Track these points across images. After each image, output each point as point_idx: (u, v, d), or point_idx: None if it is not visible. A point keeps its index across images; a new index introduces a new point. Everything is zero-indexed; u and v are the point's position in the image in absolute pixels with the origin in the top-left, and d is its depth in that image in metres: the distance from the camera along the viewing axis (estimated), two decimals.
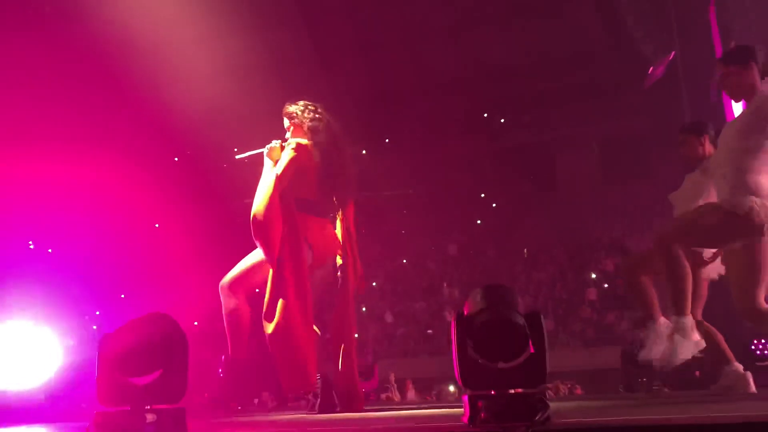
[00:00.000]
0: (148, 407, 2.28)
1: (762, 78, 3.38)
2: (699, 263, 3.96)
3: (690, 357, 3.35)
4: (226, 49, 12.78)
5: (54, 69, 12.48)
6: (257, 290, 4.14)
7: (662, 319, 3.84)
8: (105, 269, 14.24)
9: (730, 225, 3.28)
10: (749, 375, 3.97)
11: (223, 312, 4.06)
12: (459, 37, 18.52)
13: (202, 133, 14.56)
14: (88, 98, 13.39)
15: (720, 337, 4.10)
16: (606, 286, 16.01)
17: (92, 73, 13.24)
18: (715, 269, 4.02)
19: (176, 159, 18.07)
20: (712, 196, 3.96)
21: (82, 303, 12.95)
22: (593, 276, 16.44)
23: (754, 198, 3.23)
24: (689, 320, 3.33)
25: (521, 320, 2.22)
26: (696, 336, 3.33)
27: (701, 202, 4.03)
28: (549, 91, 19.29)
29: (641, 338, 3.91)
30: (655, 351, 3.80)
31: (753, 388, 3.95)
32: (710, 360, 4.03)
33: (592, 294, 15.89)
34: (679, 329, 3.31)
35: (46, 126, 12.67)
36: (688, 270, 3.37)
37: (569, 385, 11.51)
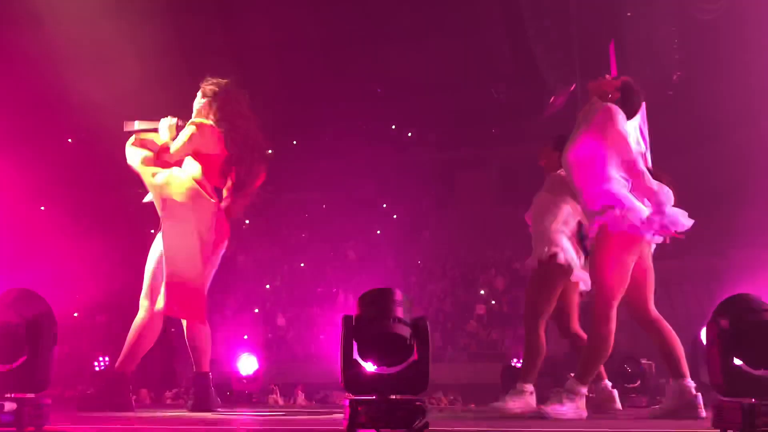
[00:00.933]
0: (9, 395, 2.13)
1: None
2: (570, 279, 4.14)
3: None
4: (131, 29, 12.27)
5: None
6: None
7: (530, 387, 4.07)
8: None
9: (614, 247, 3.42)
10: (616, 393, 4.19)
11: (134, 323, 3.87)
12: (374, 48, 18.69)
13: (98, 115, 13.89)
14: None
15: None
16: (493, 302, 16.52)
17: None
18: (585, 281, 4.22)
19: (70, 140, 17.19)
20: (562, 211, 4.18)
21: None
22: (482, 292, 16.92)
23: (616, 210, 3.40)
24: (585, 391, 3.46)
25: (407, 328, 2.24)
26: (582, 404, 3.45)
27: (552, 218, 4.23)
28: (456, 111, 19.78)
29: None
30: (509, 405, 4.01)
31: (619, 405, 4.17)
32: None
33: (480, 309, 16.34)
34: (573, 393, 3.42)
35: None
36: (611, 344, 3.49)
37: (451, 398, 11.75)
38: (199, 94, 4.17)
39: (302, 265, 19.42)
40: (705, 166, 13.43)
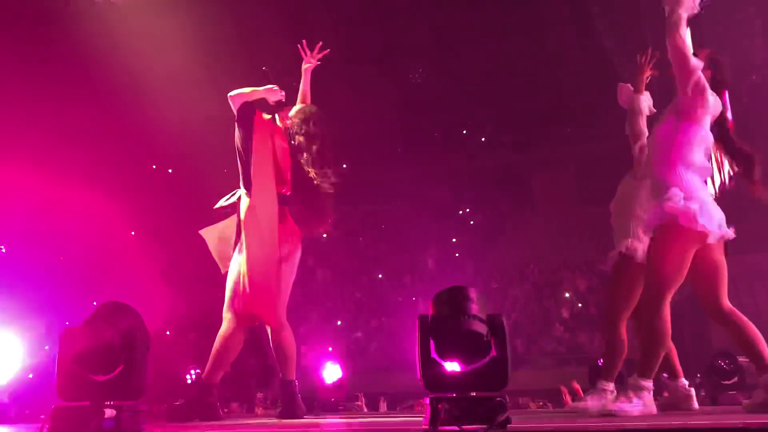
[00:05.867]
0: (108, 403, 2.27)
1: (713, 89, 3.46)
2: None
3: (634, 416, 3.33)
4: (212, 55, 12.77)
5: (31, 73, 12.37)
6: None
7: (610, 384, 3.91)
8: (79, 275, 14.07)
9: (673, 238, 3.30)
10: (692, 391, 4.02)
11: (218, 335, 3.99)
12: (441, 54, 18.71)
13: (182, 141, 14.53)
14: (66, 104, 13.28)
15: (673, 351, 4.11)
16: (580, 305, 16.11)
17: (74, 79, 13.15)
18: None
19: (154, 167, 17.97)
20: (644, 199, 4.03)
21: (56, 308, 12.77)
22: (567, 295, 16.53)
23: (676, 191, 3.27)
24: (650, 385, 3.32)
25: (484, 324, 2.24)
26: (650, 400, 3.32)
27: (636, 207, 4.11)
28: (528, 112, 19.53)
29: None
30: (589, 404, 3.86)
31: (696, 404, 3.99)
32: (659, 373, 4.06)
33: (565, 312, 15.97)
34: (638, 389, 3.28)
35: (22, 130, 12.53)
36: (668, 336, 3.36)
37: (541, 403, 11.52)
38: (299, 111, 4.24)
39: (380, 276, 19.54)
40: None
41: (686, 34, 3.31)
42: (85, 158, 13.81)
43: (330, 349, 14.91)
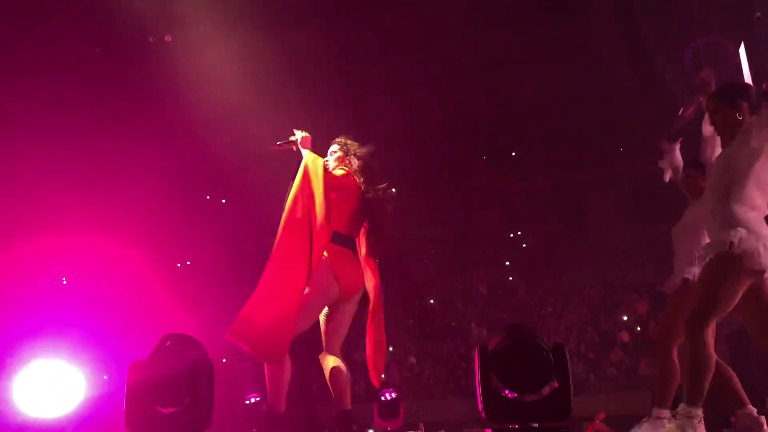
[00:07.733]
0: None
1: (752, 114, 3.36)
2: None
3: None
4: (256, 88, 13.04)
5: (82, 103, 12.81)
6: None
7: (666, 412, 3.80)
8: (135, 305, 14.38)
9: (729, 268, 3.20)
10: (763, 419, 3.86)
11: (265, 366, 3.99)
12: (488, 76, 18.67)
13: (233, 172, 14.84)
14: (123, 138, 13.70)
15: (735, 378, 3.96)
16: (639, 329, 15.69)
17: (122, 108, 13.58)
18: None
19: (208, 197, 18.36)
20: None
21: (114, 338, 13.08)
22: (625, 318, 16.14)
23: (740, 230, 3.17)
24: (700, 413, 3.21)
25: (545, 350, 2.22)
26: (702, 430, 3.21)
27: (700, 235, 4.03)
28: (579, 131, 19.27)
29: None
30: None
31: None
32: (722, 402, 3.92)
33: (624, 337, 15.57)
34: (687, 418, 3.18)
35: (80, 164, 12.96)
36: (713, 360, 3.26)
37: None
38: (336, 144, 4.32)
39: (432, 301, 19.43)
40: None
41: None
42: (139, 189, 14.19)
43: (383, 376, 14.82)
